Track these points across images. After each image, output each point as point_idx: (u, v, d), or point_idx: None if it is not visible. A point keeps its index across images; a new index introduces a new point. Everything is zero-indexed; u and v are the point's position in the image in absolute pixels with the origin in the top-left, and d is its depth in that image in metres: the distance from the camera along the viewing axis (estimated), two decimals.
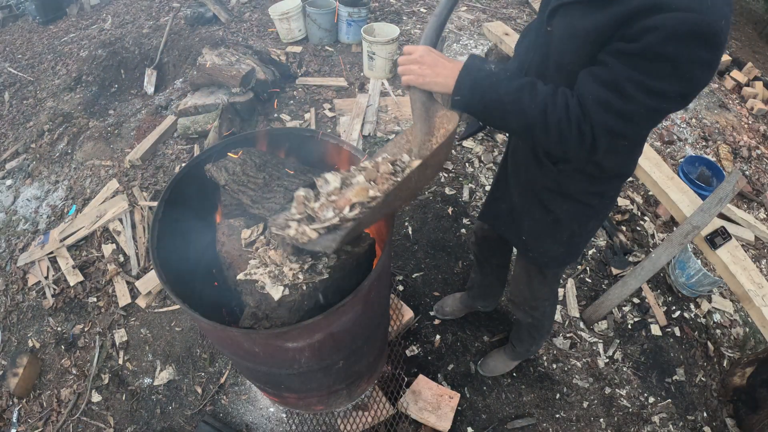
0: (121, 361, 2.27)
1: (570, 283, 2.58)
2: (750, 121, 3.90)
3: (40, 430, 2.09)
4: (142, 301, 2.44)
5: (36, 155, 3.31)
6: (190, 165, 1.47)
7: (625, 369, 2.30)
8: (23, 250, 2.74)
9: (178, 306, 2.04)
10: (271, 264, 1.19)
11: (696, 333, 2.48)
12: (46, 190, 3.09)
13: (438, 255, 2.67)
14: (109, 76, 4.02)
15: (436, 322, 2.37)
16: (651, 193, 3.09)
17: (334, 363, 1.42)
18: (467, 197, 2.98)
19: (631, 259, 2.72)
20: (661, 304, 2.57)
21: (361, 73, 3.84)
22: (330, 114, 3.45)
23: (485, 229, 1.82)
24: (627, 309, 2.53)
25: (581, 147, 0.96)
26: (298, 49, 4.06)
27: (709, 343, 2.44)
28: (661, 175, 2.12)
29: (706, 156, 3.35)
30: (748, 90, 4.13)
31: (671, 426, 2.14)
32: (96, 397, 2.16)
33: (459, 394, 2.03)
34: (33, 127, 3.53)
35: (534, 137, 0.99)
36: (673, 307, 2.57)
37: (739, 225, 2.56)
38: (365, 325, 1.43)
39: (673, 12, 0.80)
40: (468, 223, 2.83)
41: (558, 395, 2.18)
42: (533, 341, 1.94)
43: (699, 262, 2.41)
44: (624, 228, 2.91)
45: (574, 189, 1.26)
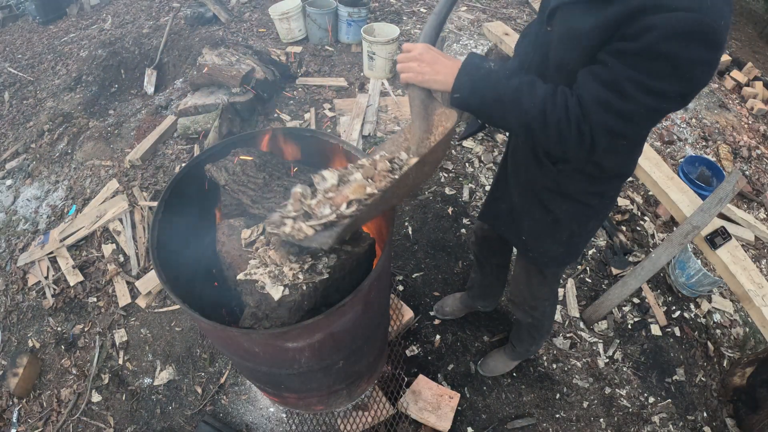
0: (121, 361, 2.27)
1: (570, 283, 2.58)
2: (750, 121, 3.90)
3: (40, 430, 2.09)
4: (142, 301, 2.44)
5: (36, 155, 3.31)
6: (190, 165, 1.47)
7: (625, 369, 2.30)
8: (23, 250, 2.74)
9: (178, 306, 2.04)
10: (271, 264, 1.19)
11: (696, 333, 2.48)
12: (46, 190, 3.09)
13: (438, 255, 2.67)
14: (109, 76, 4.02)
15: (436, 322, 2.37)
16: (651, 193, 3.09)
17: (334, 363, 1.42)
18: (467, 197, 2.98)
19: (631, 259, 2.72)
20: (661, 304, 2.57)
21: (361, 73, 3.84)
22: (330, 114, 3.45)
23: (485, 229, 1.82)
24: (627, 309, 2.53)
25: (580, 146, 0.96)
26: (298, 49, 4.06)
27: (709, 343, 2.44)
28: (661, 175, 2.12)
29: (706, 156, 3.35)
30: (748, 90, 4.13)
31: (671, 426, 2.14)
32: (96, 397, 2.16)
33: (459, 394, 2.03)
34: (33, 127, 3.53)
35: (533, 136, 0.99)
36: (673, 307, 2.57)
37: (739, 225, 2.56)
38: (365, 325, 1.43)
39: (673, 12, 0.80)
40: (468, 223, 2.83)
41: (558, 395, 2.18)
42: (533, 341, 1.94)
43: (699, 262, 2.41)
44: (624, 228, 2.91)
45: (574, 189, 1.26)
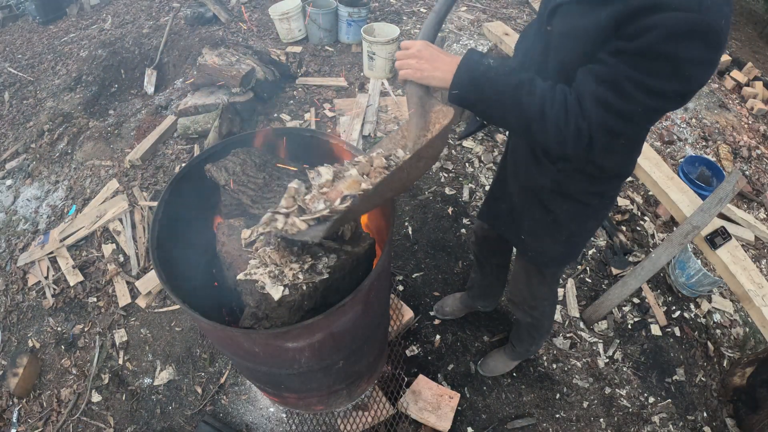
0: (121, 361, 2.27)
1: (570, 283, 2.58)
2: (750, 121, 3.90)
3: (40, 430, 2.09)
4: (142, 301, 2.44)
5: (36, 155, 3.31)
6: (190, 165, 1.47)
7: (625, 369, 2.30)
8: (23, 250, 2.74)
9: (178, 306, 2.04)
10: (271, 264, 1.19)
11: (696, 333, 2.47)
12: (46, 190, 3.09)
13: (438, 255, 2.67)
14: (109, 76, 4.02)
15: (436, 322, 2.37)
16: (651, 193, 3.09)
17: (334, 363, 1.42)
18: (467, 197, 2.98)
19: (631, 259, 2.72)
20: (661, 304, 2.57)
21: (361, 73, 3.84)
22: (330, 114, 3.45)
23: (485, 229, 1.82)
24: (627, 309, 2.53)
25: (579, 145, 0.96)
26: (298, 49, 4.06)
27: (709, 343, 2.44)
28: (661, 175, 2.12)
29: (706, 156, 3.35)
30: (748, 90, 4.13)
31: (671, 426, 2.14)
32: (96, 397, 2.16)
33: (459, 394, 2.03)
34: (33, 127, 3.53)
35: (531, 134, 0.99)
36: (673, 307, 2.57)
37: (739, 225, 2.55)
38: (365, 325, 1.43)
39: (673, 11, 0.80)
40: (468, 223, 2.83)
41: (558, 395, 2.18)
42: (533, 341, 1.94)
43: (699, 262, 2.41)
44: (624, 228, 2.91)
45: (574, 189, 1.25)
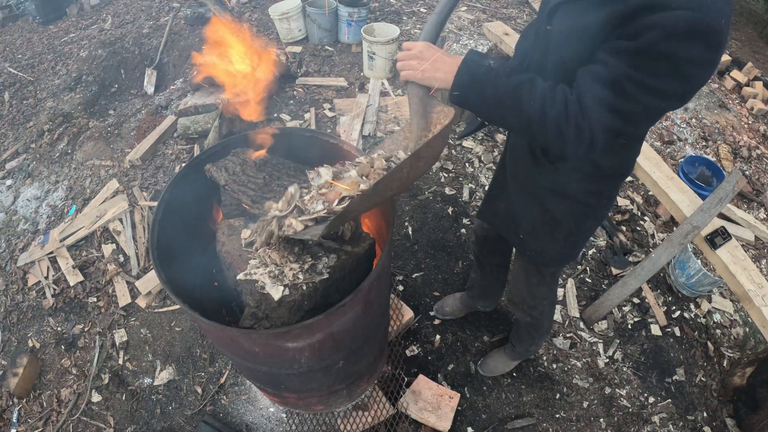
0: (121, 361, 2.27)
1: (570, 283, 2.58)
2: (750, 121, 3.90)
3: (40, 430, 2.09)
4: (142, 301, 2.44)
5: (36, 155, 3.31)
6: (190, 165, 1.47)
7: (625, 369, 2.30)
8: (23, 250, 2.74)
9: (178, 306, 2.04)
10: (271, 264, 1.19)
11: (696, 333, 2.47)
12: (46, 190, 3.09)
13: (438, 255, 2.67)
14: (109, 76, 4.02)
15: (436, 322, 2.37)
16: (651, 193, 3.09)
17: (334, 363, 1.42)
18: (467, 197, 2.98)
19: (631, 259, 2.72)
20: (661, 304, 2.56)
21: (361, 73, 3.84)
22: (330, 114, 3.45)
23: (485, 229, 1.82)
24: (627, 309, 2.53)
25: (579, 144, 0.96)
26: (298, 49, 4.06)
27: (709, 343, 2.44)
28: (661, 175, 2.13)
29: (706, 156, 3.35)
30: (748, 90, 4.13)
31: (671, 426, 2.14)
32: (96, 397, 2.16)
33: (459, 394, 2.03)
34: (33, 127, 3.53)
35: (532, 134, 0.99)
36: (673, 307, 2.57)
37: (739, 225, 2.56)
38: (365, 325, 1.43)
39: (673, 10, 0.80)
40: (468, 223, 2.83)
41: (558, 395, 2.18)
42: (532, 341, 1.94)
43: (699, 262, 2.41)
44: (624, 228, 2.91)
45: (572, 188, 1.25)
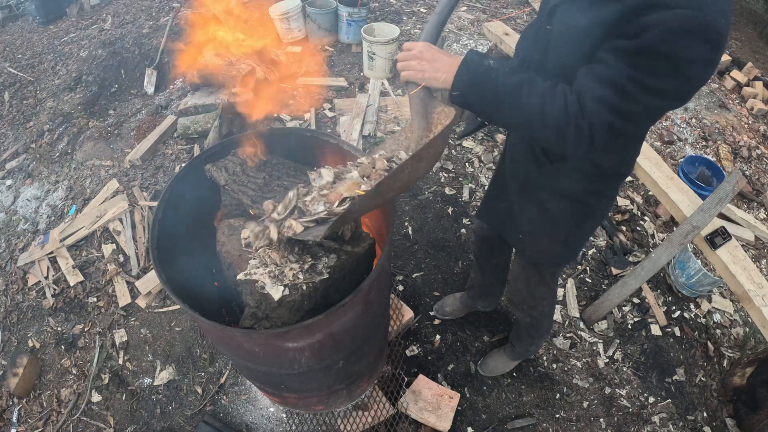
0: (121, 361, 2.27)
1: (570, 283, 2.58)
2: (750, 121, 3.90)
3: (40, 430, 2.09)
4: (142, 301, 2.44)
5: (36, 155, 3.31)
6: (190, 165, 1.47)
7: (625, 369, 2.30)
8: (23, 250, 2.74)
9: (178, 306, 2.04)
10: (271, 264, 1.19)
11: (696, 333, 2.47)
12: (46, 190, 3.09)
13: (438, 255, 2.66)
14: (109, 76, 4.02)
15: (436, 322, 2.37)
16: (651, 193, 3.09)
17: (334, 363, 1.42)
18: (467, 197, 2.97)
19: (631, 259, 2.72)
20: (661, 304, 2.56)
21: (361, 73, 3.84)
22: (330, 114, 3.45)
23: (485, 229, 1.82)
24: (627, 309, 2.53)
25: (579, 144, 0.95)
26: (298, 49, 4.06)
27: (709, 343, 2.44)
28: (661, 175, 2.13)
29: (706, 156, 3.35)
30: (748, 90, 4.13)
31: (671, 426, 2.14)
32: (96, 397, 2.16)
33: (459, 394, 2.03)
34: (33, 127, 3.53)
35: (532, 134, 0.99)
36: (673, 307, 2.57)
37: (739, 225, 2.55)
38: (365, 325, 1.43)
39: (673, 9, 0.80)
40: (468, 223, 2.83)
41: (558, 395, 2.18)
42: (532, 341, 1.94)
43: (699, 262, 2.41)
44: (624, 228, 2.91)
45: (572, 188, 1.25)
